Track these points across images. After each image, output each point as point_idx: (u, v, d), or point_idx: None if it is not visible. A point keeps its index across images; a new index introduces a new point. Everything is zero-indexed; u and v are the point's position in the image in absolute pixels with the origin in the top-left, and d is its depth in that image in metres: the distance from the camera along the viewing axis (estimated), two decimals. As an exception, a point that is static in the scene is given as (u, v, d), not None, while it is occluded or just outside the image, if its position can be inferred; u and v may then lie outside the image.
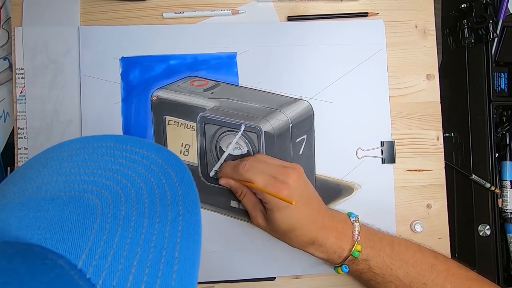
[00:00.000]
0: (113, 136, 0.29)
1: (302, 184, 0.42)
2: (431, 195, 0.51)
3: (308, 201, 0.42)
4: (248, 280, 0.48)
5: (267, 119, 0.46)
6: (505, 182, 0.54)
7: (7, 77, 0.51)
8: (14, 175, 0.28)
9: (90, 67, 0.49)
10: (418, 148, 0.51)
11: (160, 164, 0.27)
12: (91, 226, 0.22)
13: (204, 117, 0.47)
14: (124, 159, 0.27)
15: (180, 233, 0.23)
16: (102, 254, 0.21)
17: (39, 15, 0.49)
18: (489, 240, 0.51)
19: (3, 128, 0.52)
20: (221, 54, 0.50)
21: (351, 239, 0.42)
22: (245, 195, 0.44)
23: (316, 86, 0.50)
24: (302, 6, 0.51)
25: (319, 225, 0.42)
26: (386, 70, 0.51)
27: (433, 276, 0.41)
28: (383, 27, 0.51)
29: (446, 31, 0.56)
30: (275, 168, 0.42)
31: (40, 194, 0.24)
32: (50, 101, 0.48)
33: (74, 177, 0.25)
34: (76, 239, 0.21)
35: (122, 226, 0.22)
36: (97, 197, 0.24)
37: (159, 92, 0.48)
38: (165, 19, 0.50)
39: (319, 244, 0.42)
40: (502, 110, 0.55)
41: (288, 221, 0.41)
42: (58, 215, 0.23)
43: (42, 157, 0.28)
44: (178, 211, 0.24)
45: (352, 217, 0.44)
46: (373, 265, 0.42)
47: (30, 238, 0.21)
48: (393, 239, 0.44)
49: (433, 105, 0.51)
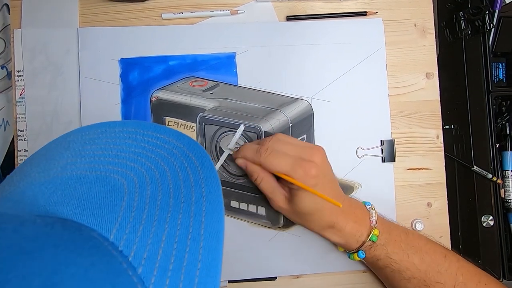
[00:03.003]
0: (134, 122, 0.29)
1: (326, 165, 0.42)
2: (432, 194, 0.51)
3: (332, 182, 0.43)
4: (249, 280, 0.48)
5: (266, 119, 0.46)
6: (506, 172, 0.54)
7: (5, 85, 0.51)
8: (34, 158, 0.28)
9: (89, 69, 0.49)
10: (418, 146, 0.51)
11: (182, 149, 0.27)
12: (119, 203, 0.23)
13: (204, 117, 0.47)
14: (147, 144, 0.27)
15: (205, 213, 0.23)
16: (131, 229, 0.21)
17: (38, 17, 0.49)
18: (493, 231, 0.50)
19: (3, 137, 0.52)
20: (220, 55, 0.50)
21: (369, 225, 0.42)
22: (263, 179, 0.42)
23: (315, 85, 0.50)
24: (301, 5, 0.51)
25: (340, 209, 0.41)
26: (385, 69, 0.51)
27: (446, 265, 0.41)
28: (382, 26, 0.51)
29: (442, 23, 0.56)
30: (299, 148, 0.41)
31: (65, 173, 0.25)
32: (49, 102, 0.48)
33: (98, 158, 0.26)
34: (106, 215, 0.22)
35: (149, 204, 0.23)
36: (123, 177, 0.24)
37: (159, 93, 0.48)
38: (164, 20, 0.50)
39: (339, 228, 0.42)
40: (501, 100, 0.55)
41: (313, 201, 0.40)
42: (86, 193, 0.23)
43: (62, 141, 0.28)
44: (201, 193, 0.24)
45: (368, 204, 0.45)
46: (390, 250, 0.42)
47: (60, 214, 0.22)
48: (406, 229, 0.45)
49: (433, 103, 0.51)
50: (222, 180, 0.48)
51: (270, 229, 0.48)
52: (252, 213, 0.48)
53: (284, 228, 0.48)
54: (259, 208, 0.48)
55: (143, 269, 0.20)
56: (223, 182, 0.48)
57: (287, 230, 0.49)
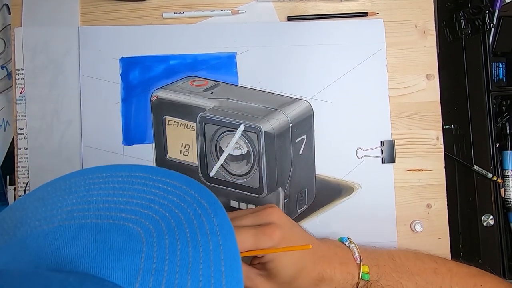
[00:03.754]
0: (142, 166, 0.28)
1: (285, 217, 0.39)
2: (431, 195, 0.51)
3: (296, 233, 0.39)
4: (248, 280, 0.48)
5: (267, 119, 0.46)
6: (507, 171, 0.54)
7: (5, 85, 0.51)
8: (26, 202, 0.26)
9: (90, 67, 0.49)
10: (418, 148, 0.51)
11: (193, 195, 0.26)
12: (139, 255, 0.22)
13: (204, 117, 0.47)
14: (158, 189, 0.26)
15: (224, 262, 0.23)
16: (155, 282, 0.21)
17: (39, 16, 0.49)
18: (493, 230, 0.50)
19: (3, 137, 0.52)
20: (220, 54, 0.50)
21: (355, 263, 0.40)
22: None
23: (316, 86, 0.50)
24: (302, 6, 0.51)
25: (319, 256, 0.39)
26: (386, 70, 0.51)
27: (440, 280, 0.41)
28: (383, 27, 0.51)
29: (442, 23, 0.56)
30: (252, 217, 0.38)
31: (73, 221, 0.23)
32: (50, 101, 0.48)
33: (108, 205, 0.24)
34: (127, 267, 0.21)
35: (169, 254, 0.22)
36: (138, 226, 0.23)
37: (159, 92, 0.48)
38: (165, 19, 0.50)
39: (329, 278, 0.39)
40: (501, 100, 0.55)
41: (291, 265, 0.37)
42: (101, 243, 0.22)
43: (61, 184, 0.27)
44: (218, 241, 0.24)
45: (345, 240, 0.42)
46: (385, 284, 0.40)
47: (75, 267, 0.21)
48: (391, 252, 0.43)
49: (433, 105, 0.51)
50: (222, 180, 0.48)
51: (270, 229, 0.48)
52: (252, 213, 0.48)
53: (283, 228, 0.48)
54: (258, 208, 0.48)
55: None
56: (223, 182, 0.48)
57: (286, 230, 0.48)
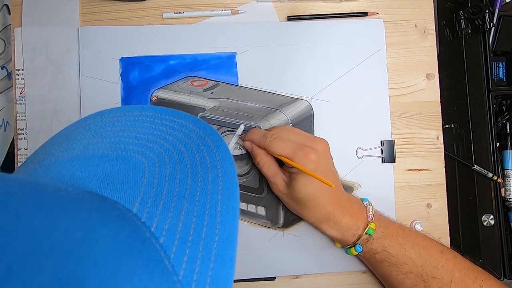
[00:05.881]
0: (152, 107, 0.30)
1: (327, 155, 0.43)
2: (431, 195, 0.51)
3: (332, 174, 0.43)
4: (248, 280, 0.48)
5: (267, 119, 0.46)
6: (507, 171, 0.54)
7: (5, 85, 0.51)
8: (55, 139, 0.29)
9: (89, 68, 0.49)
10: (418, 147, 0.51)
11: (198, 133, 0.28)
12: (141, 180, 0.24)
13: (204, 117, 0.47)
14: (164, 127, 0.28)
15: (221, 192, 0.24)
16: (153, 203, 0.23)
17: (39, 16, 0.49)
18: (493, 230, 0.50)
19: (4, 137, 0.52)
20: (220, 54, 0.50)
21: (366, 219, 0.43)
22: (265, 163, 0.44)
23: (316, 85, 0.50)
24: (302, 6, 0.51)
25: (337, 201, 0.42)
26: (386, 69, 0.51)
27: (443, 261, 0.42)
28: (383, 27, 0.51)
29: (442, 22, 0.56)
30: (303, 137, 0.43)
31: (88, 152, 0.26)
32: (49, 101, 0.48)
33: (119, 139, 0.27)
34: (129, 189, 0.23)
35: (169, 181, 0.24)
36: (143, 157, 0.26)
37: (159, 93, 0.48)
38: (165, 19, 0.50)
39: (335, 221, 0.42)
40: (502, 99, 0.55)
41: (311, 187, 0.41)
42: (108, 169, 0.24)
43: (83, 123, 0.30)
44: (217, 173, 0.25)
45: (365, 201, 0.45)
46: (387, 244, 0.42)
47: (85, 188, 0.23)
48: (403, 225, 0.45)
49: (433, 104, 0.51)
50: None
51: (270, 229, 0.48)
52: (252, 213, 0.48)
53: (283, 228, 0.48)
54: (258, 208, 0.48)
55: (165, 239, 0.21)
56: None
57: (286, 230, 0.49)
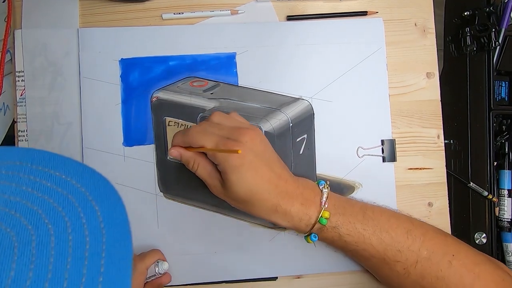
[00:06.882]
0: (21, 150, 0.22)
1: (258, 144, 0.39)
2: (432, 194, 0.51)
3: (267, 163, 0.39)
4: (249, 280, 0.48)
5: (267, 118, 0.46)
6: (502, 190, 0.54)
7: (8, 69, 0.50)
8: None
9: (89, 69, 0.49)
10: (418, 146, 0.51)
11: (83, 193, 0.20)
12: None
13: (204, 117, 0.47)
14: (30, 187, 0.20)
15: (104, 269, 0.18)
16: None
17: (38, 18, 0.49)
18: (485, 248, 0.51)
19: (3, 121, 0.51)
20: (220, 55, 0.50)
21: (319, 206, 0.40)
22: (199, 164, 0.41)
23: (316, 85, 0.50)
24: (301, 5, 0.51)
25: (281, 190, 0.39)
26: (385, 68, 0.51)
27: (409, 242, 0.40)
28: (382, 26, 0.51)
29: (448, 38, 0.56)
30: (228, 129, 0.39)
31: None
32: (50, 103, 0.48)
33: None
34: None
35: None
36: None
37: (159, 93, 0.48)
38: (164, 20, 0.50)
39: (283, 212, 0.39)
40: (502, 119, 0.56)
41: (245, 183, 0.38)
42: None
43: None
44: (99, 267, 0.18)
45: (321, 184, 0.42)
46: (343, 232, 0.40)
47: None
48: (366, 206, 0.42)
49: (434, 103, 0.51)
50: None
51: (271, 229, 0.48)
52: (253, 213, 0.48)
53: (284, 228, 0.48)
54: (259, 208, 0.48)
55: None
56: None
57: (287, 230, 0.48)
